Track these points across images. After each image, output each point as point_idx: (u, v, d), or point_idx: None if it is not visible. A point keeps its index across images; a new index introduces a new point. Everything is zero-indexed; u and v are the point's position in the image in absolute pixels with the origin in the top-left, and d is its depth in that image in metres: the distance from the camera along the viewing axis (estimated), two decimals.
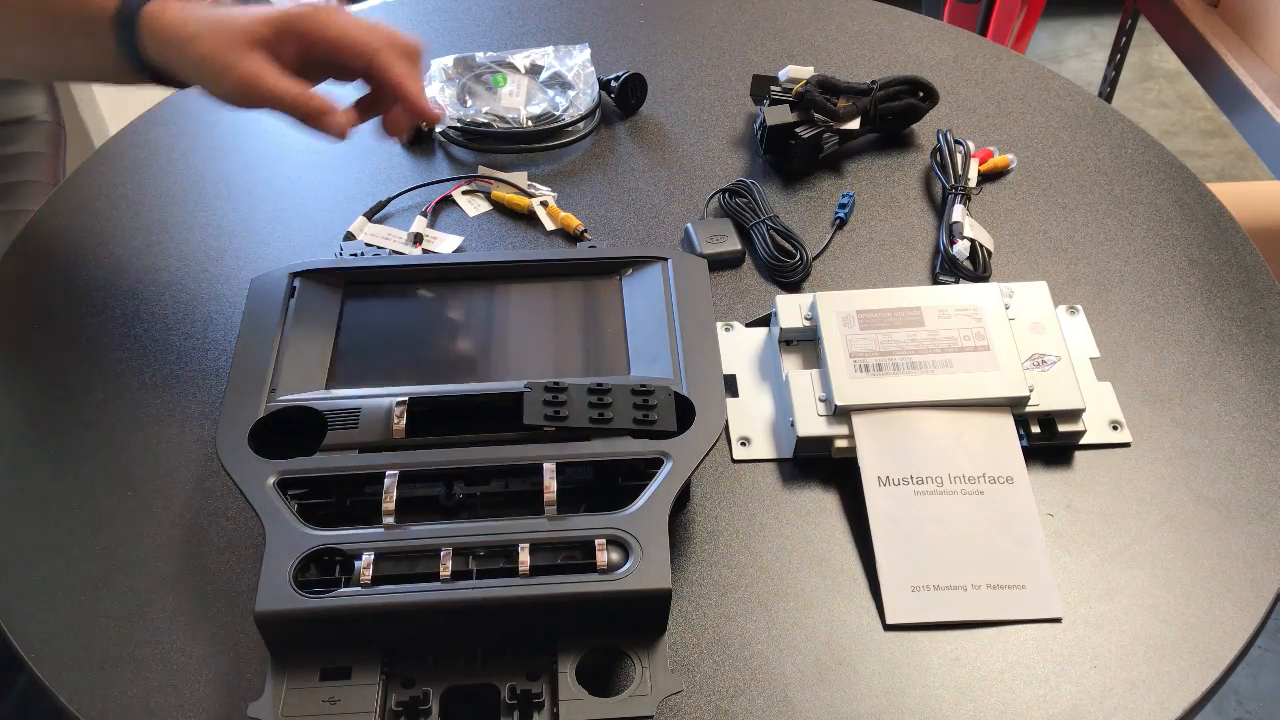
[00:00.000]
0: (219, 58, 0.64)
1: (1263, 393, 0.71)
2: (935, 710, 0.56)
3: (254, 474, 0.57)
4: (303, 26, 0.65)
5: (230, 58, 0.64)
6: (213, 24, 0.65)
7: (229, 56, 0.64)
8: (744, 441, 0.68)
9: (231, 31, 0.64)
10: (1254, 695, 1.39)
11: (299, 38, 0.65)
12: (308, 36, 0.65)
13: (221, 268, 0.80)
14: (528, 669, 0.53)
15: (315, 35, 0.65)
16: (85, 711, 0.56)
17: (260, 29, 0.64)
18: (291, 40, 0.65)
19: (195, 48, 0.64)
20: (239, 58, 0.64)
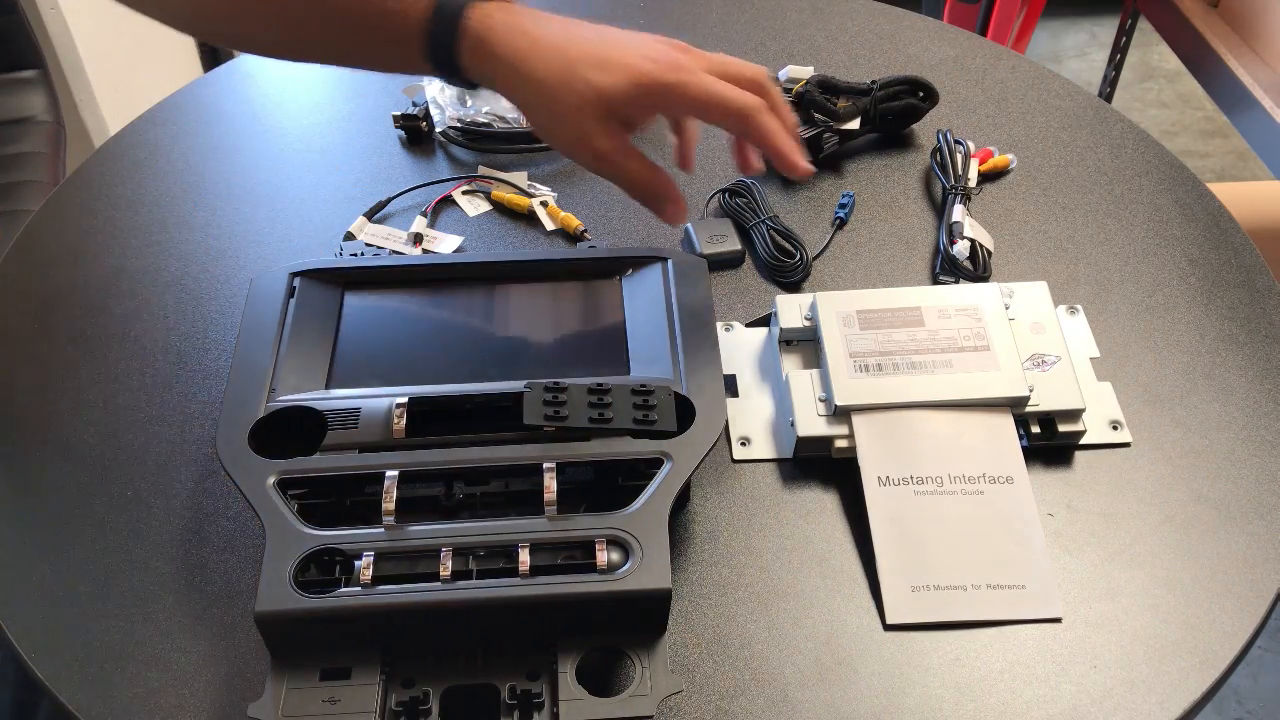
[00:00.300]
0: (573, 124, 0.59)
1: (1263, 393, 0.71)
2: (935, 710, 0.56)
3: (254, 474, 0.57)
4: (666, 99, 0.59)
5: (586, 127, 0.59)
6: (562, 75, 0.58)
7: (584, 125, 0.59)
8: (744, 441, 0.68)
9: (587, 94, 0.58)
10: (1254, 695, 1.39)
11: (659, 106, 0.60)
12: (670, 106, 0.61)
13: (221, 268, 0.80)
14: (528, 669, 0.53)
15: (679, 105, 0.60)
16: (85, 711, 0.56)
17: (619, 97, 0.58)
18: (650, 107, 0.60)
19: (542, 99, 0.59)
20: (594, 130, 0.59)
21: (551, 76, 0.58)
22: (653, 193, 0.62)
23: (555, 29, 0.60)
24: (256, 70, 1.00)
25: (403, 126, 0.91)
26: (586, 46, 0.59)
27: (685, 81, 0.59)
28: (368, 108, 0.94)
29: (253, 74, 0.99)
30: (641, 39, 0.61)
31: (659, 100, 0.59)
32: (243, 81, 0.98)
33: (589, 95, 0.58)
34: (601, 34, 0.60)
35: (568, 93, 0.58)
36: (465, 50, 0.59)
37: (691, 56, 0.61)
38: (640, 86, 0.58)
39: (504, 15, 0.59)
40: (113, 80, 1.64)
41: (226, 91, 0.97)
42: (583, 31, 0.60)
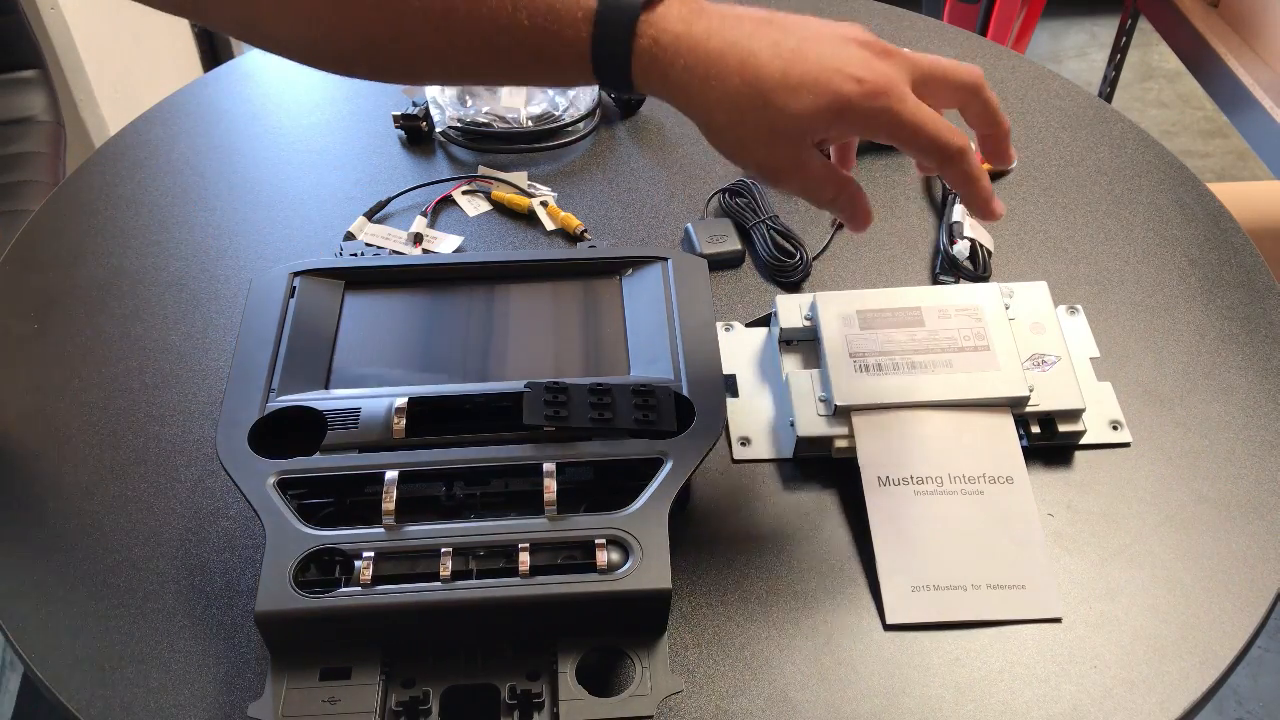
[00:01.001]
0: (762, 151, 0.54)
1: (1263, 393, 0.71)
2: (935, 710, 0.56)
3: (254, 474, 0.57)
4: (868, 126, 0.53)
5: (776, 154, 0.54)
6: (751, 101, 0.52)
7: (775, 152, 0.54)
8: (744, 441, 0.68)
9: (779, 123, 0.53)
10: (1254, 695, 1.39)
11: (859, 131, 0.55)
12: (870, 133, 0.54)
13: (221, 268, 0.80)
14: (528, 669, 0.53)
15: (881, 133, 0.54)
16: (85, 711, 0.56)
17: (816, 124, 0.53)
18: (849, 132, 0.55)
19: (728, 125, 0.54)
20: (784, 155, 0.54)
21: (739, 100, 0.53)
22: (840, 206, 0.57)
23: (740, 39, 0.53)
24: (256, 70, 1.00)
25: (403, 126, 0.91)
26: (777, 63, 0.52)
27: (892, 110, 0.53)
28: (368, 108, 0.94)
29: (253, 74, 0.99)
30: (839, 40, 0.54)
31: (860, 127, 0.54)
32: (243, 81, 0.98)
33: (780, 122, 0.53)
34: (790, 36, 0.53)
35: (757, 120, 0.53)
36: (638, 70, 0.54)
37: (896, 64, 0.54)
38: (840, 114, 0.53)
39: (679, 25, 0.53)
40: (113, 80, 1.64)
41: (226, 91, 0.97)
42: (770, 36, 0.53)
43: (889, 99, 0.53)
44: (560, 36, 0.53)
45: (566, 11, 0.53)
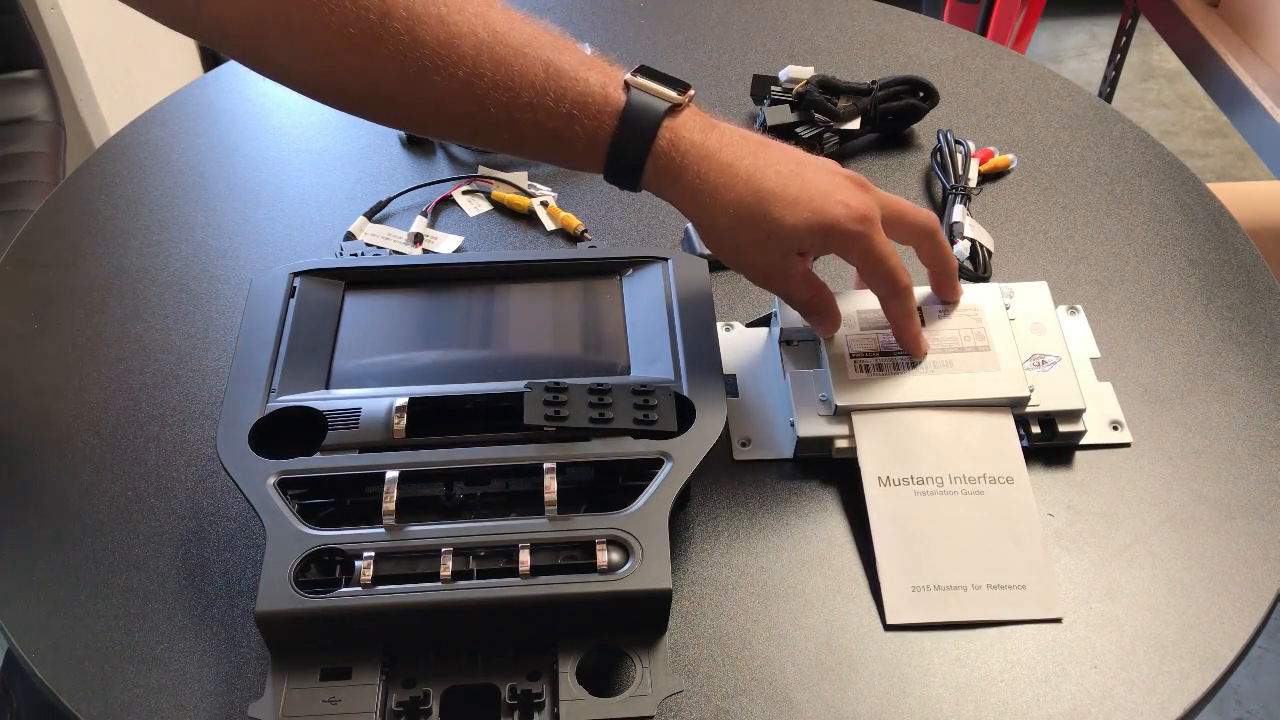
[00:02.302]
0: (755, 256, 0.61)
1: (1263, 393, 0.71)
2: (935, 710, 0.56)
3: (254, 474, 0.57)
4: (843, 247, 0.61)
5: (767, 260, 0.61)
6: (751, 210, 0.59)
7: (767, 258, 0.61)
8: (744, 441, 0.68)
9: (774, 231, 0.59)
10: (1254, 695, 1.39)
11: (834, 249, 0.62)
12: (843, 252, 0.62)
13: (221, 268, 0.80)
14: (528, 669, 0.53)
15: (851, 255, 0.62)
16: (85, 711, 0.56)
17: (804, 238, 0.60)
18: (827, 248, 0.62)
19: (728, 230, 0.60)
20: (774, 262, 0.61)
21: (742, 208, 0.59)
22: (810, 309, 0.65)
23: (746, 155, 0.59)
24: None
25: None
26: (777, 180, 0.59)
27: (869, 237, 0.60)
28: None
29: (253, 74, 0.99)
30: (829, 172, 0.61)
31: (839, 247, 0.61)
32: (243, 81, 0.98)
33: (776, 231, 0.59)
34: (789, 162, 0.60)
35: (755, 226, 0.59)
36: (651, 169, 0.59)
37: (872, 199, 0.62)
38: (828, 232, 0.59)
39: (697, 134, 0.59)
40: (113, 80, 1.64)
41: (226, 91, 0.97)
42: (772, 157, 0.60)
43: (869, 227, 0.60)
44: (583, 125, 0.58)
45: (594, 104, 0.57)
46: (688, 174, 0.59)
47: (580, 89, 0.57)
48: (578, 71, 0.58)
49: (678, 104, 0.59)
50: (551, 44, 0.58)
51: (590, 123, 0.58)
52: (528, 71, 0.57)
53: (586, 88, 0.58)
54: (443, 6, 0.56)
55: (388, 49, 0.55)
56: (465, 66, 0.56)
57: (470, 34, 0.56)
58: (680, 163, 0.59)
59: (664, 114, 0.58)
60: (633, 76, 0.59)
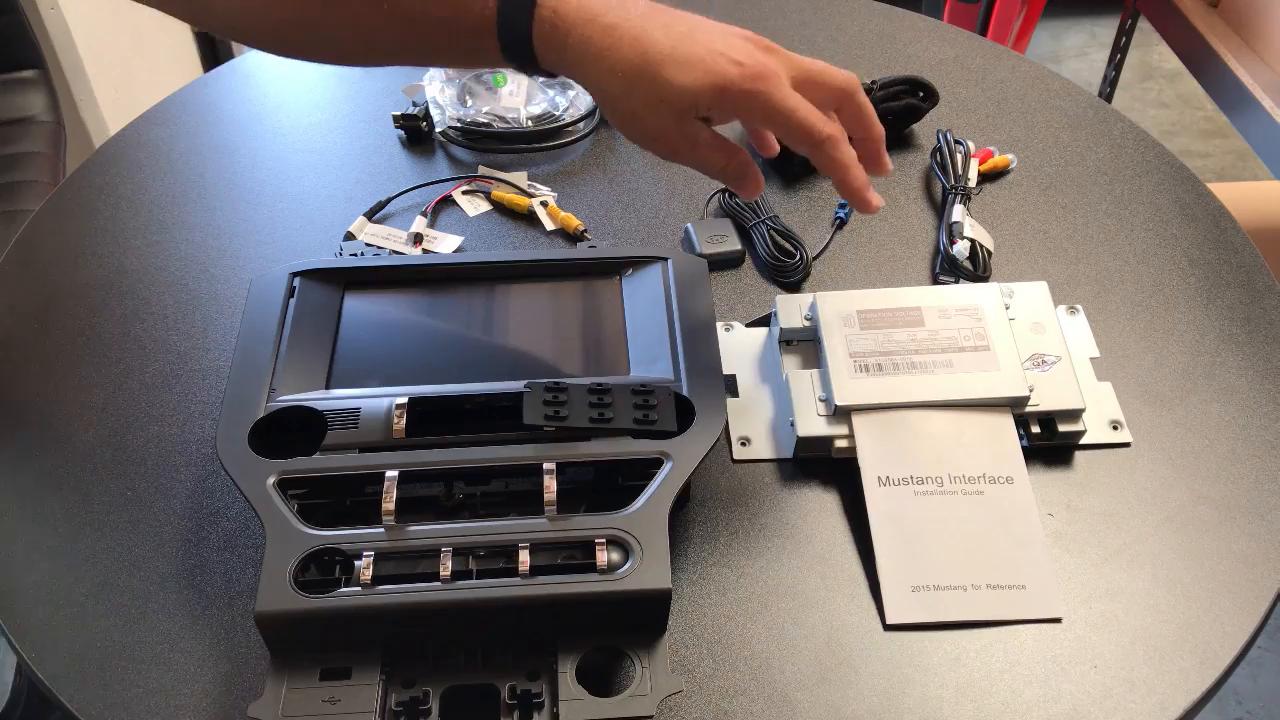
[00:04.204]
0: (650, 120, 0.58)
1: (1263, 393, 0.71)
2: (935, 710, 0.56)
3: (254, 474, 0.57)
4: (746, 107, 0.57)
5: (664, 124, 0.58)
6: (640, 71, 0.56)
7: (662, 122, 0.58)
8: (744, 441, 0.68)
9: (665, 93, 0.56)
10: (1254, 695, 1.39)
11: (737, 113, 0.59)
12: (747, 115, 0.59)
13: (221, 268, 0.80)
14: (528, 669, 0.53)
15: (757, 116, 0.58)
16: (85, 711, 0.56)
17: (699, 98, 0.56)
18: (728, 112, 0.58)
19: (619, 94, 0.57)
20: (671, 127, 0.58)
21: (630, 71, 0.56)
22: (729, 175, 0.60)
23: (635, 17, 0.57)
24: (256, 70, 1.00)
25: (403, 126, 0.91)
26: (665, 41, 0.57)
27: (768, 93, 0.57)
28: (368, 108, 0.94)
29: (253, 74, 0.99)
30: (725, 33, 0.58)
31: (738, 107, 0.58)
32: (243, 81, 0.98)
33: (667, 94, 0.56)
34: (681, 23, 0.58)
35: (646, 90, 0.57)
36: (538, 42, 0.57)
37: (778, 59, 0.58)
38: (721, 91, 0.56)
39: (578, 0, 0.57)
40: (113, 80, 1.64)
41: (226, 91, 0.97)
42: (662, 19, 0.58)
43: (766, 84, 0.57)
44: (470, 9, 0.57)
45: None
46: (572, 39, 0.57)
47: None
48: None
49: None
50: None
51: (477, 7, 0.57)
52: None
53: None
54: None
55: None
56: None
57: None
58: (565, 31, 0.56)
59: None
60: None
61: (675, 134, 0.58)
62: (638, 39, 0.56)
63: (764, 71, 0.57)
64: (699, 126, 0.58)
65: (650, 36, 0.57)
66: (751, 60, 0.57)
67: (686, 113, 0.57)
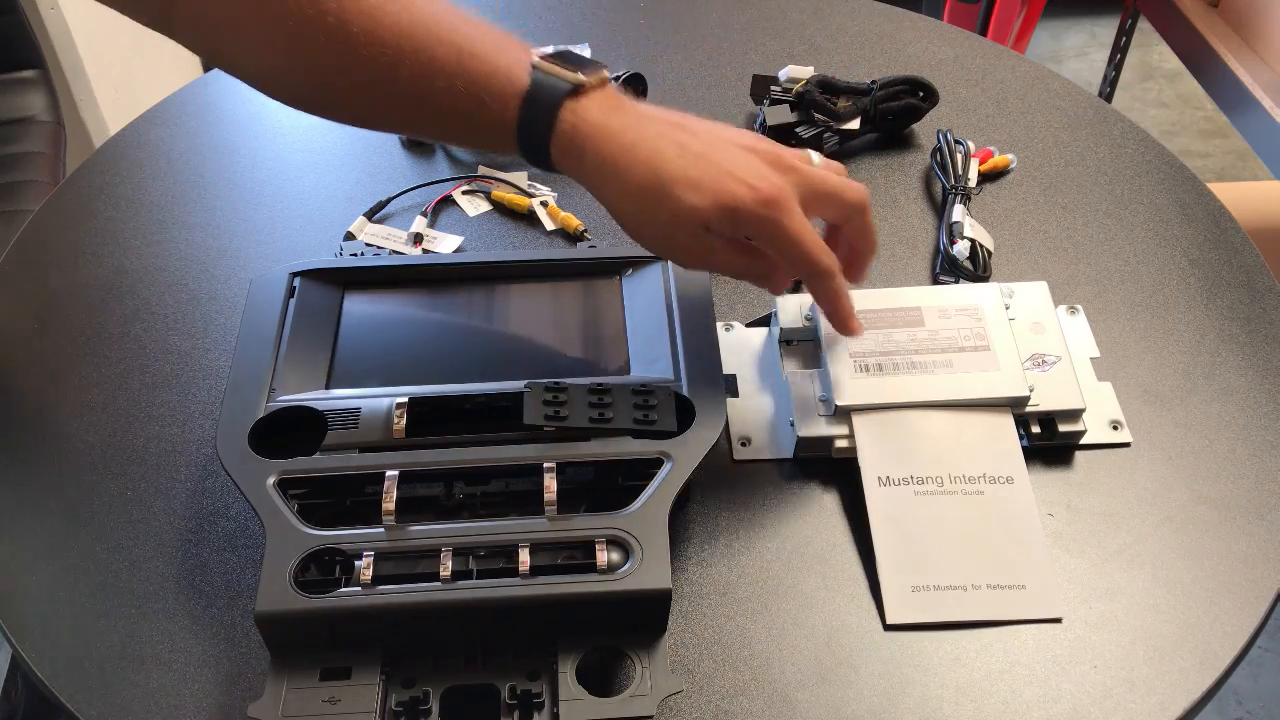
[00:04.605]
0: (663, 236, 0.59)
1: (1263, 393, 0.71)
2: (935, 710, 0.56)
3: (254, 474, 0.57)
4: (755, 231, 0.58)
5: (676, 240, 0.59)
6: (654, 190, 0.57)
7: (675, 238, 0.59)
8: (744, 441, 0.68)
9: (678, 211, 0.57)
10: (1254, 695, 1.39)
11: (747, 234, 0.59)
12: (756, 238, 0.60)
13: (221, 268, 0.80)
14: (528, 669, 0.53)
15: (765, 241, 0.59)
16: (85, 711, 0.56)
17: (709, 220, 0.57)
18: (739, 231, 0.59)
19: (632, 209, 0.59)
20: (684, 242, 0.59)
21: (644, 190, 0.58)
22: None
23: (649, 135, 0.58)
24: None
25: None
26: (679, 162, 0.57)
27: (776, 220, 0.58)
28: None
29: None
30: (740, 151, 0.59)
31: (747, 230, 0.59)
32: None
33: (679, 214, 0.57)
34: (697, 142, 0.58)
35: (658, 209, 0.58)
36: (556, 150, 0.58)
37: (790, 179, 0.59)
38: (731, 214, 0.57)
39: (599, 115, 0.58)
40: (113, 80, 1.64)
41: (226, 91, 0.97)
42: (678, 138, 0.58)
43: (777, 210, 0.57)
44: (491, 109, 0.58)
45: (500, 87, 0.58)
46: (589, 156, 0.58)
47: (487, 72, 0.58)
48: (487, 55, 0.58)
49: (581, 85, 0.58)
50: (471, 31, 0.58)
51: (497, 106, 0.58)
52: (443, 57, 0.57)
53: (494, 70, 0.58)
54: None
55: (322, 41, 0.57)
56: (389, 55, 0.57)
57: (394, 24, 0.57)
58: (582, 144, 0.58)
59: (565, 95, 0.57)
60: (540, 60, 0.58)
61: (689, 248, 0.60)
62: (651, 160, 0.57)
63: (775, 196, 0.57)
64: (712, 241, 0.59)
65: (663, 157, 0.57)
66: (764, 183, 0.58)
67: (698, 231, 0.58)
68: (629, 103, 0.60)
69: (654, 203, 0.58)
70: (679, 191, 0.57)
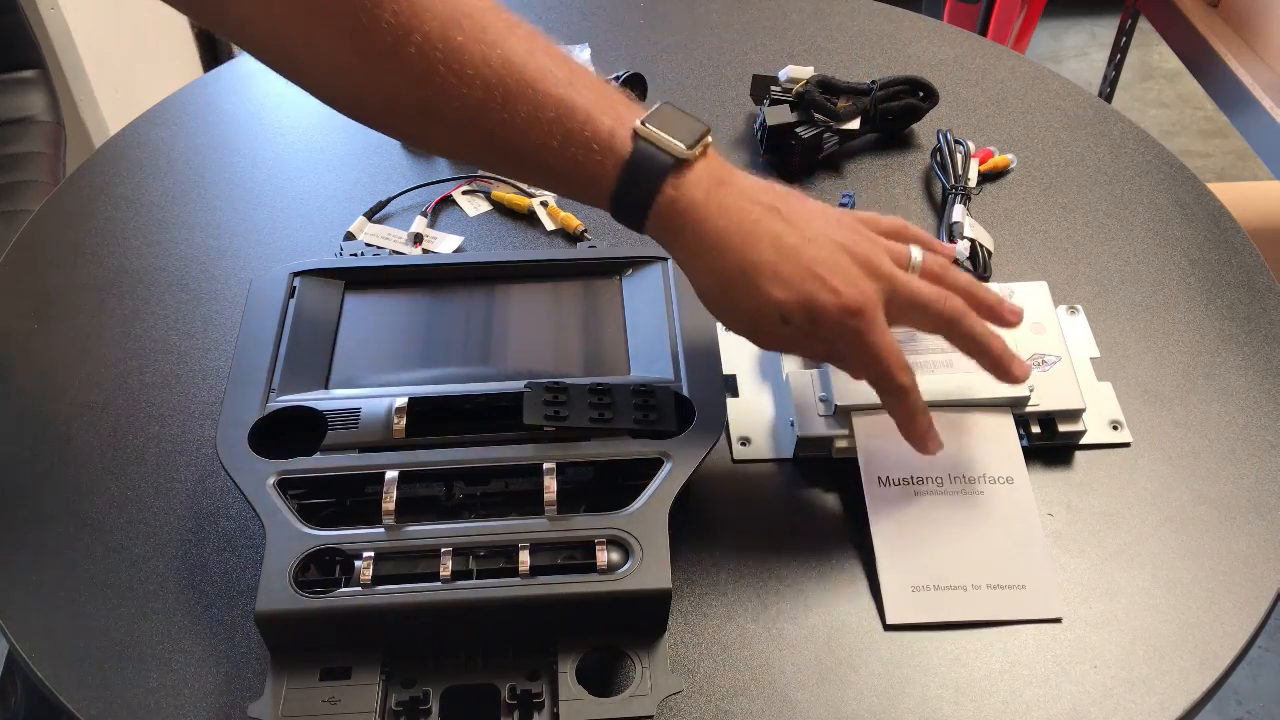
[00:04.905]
0: (744, 320, 0.59)
1: (1263, 393, 0.71)
2: (935, 710, 0.56)
3: (254, 474, 0.57)
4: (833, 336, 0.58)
5: (757, 325, 0.59)
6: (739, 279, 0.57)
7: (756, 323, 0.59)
8: (744, 441, 0.68)
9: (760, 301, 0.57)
10: (1254, 695, 1.39)
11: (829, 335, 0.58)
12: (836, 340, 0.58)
13: (221, 268, 0.80)
14: (528, 669, 0.53)
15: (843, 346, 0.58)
16: (85, 711, 0.56)
17: (789, 315, 0.57)
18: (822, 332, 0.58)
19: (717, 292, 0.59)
20: (764, 329, 0.59)
21: (732, 277, 0.57)
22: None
23: (747, 222, 0.57)
24: (256, 70, 1.00)
25: None
26: (770, 256, 0.56)
27: (857, 330, 0.57)
28: None
29: (253, 74, 0.99)
30: (833, 249, 0.57)
31: (826, 334, 0.58)
32: (243, 81, 0.98)
33: (761, 304, 0.57)
34: (793, 234, 0.57)
35: (743, 296, 0.57)
36: (652, 222, 0.58)
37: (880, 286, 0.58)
38: (812, 318, 0.57)
39: (700, 195, 0.56)
40: (113, 80, 1.64)
41: (226, 91, 0.97)
42: (775, 228, 0.57)
43: (859, 320, 0.57)
44: (588, 170, 0.56)
45: (600, 151, 0.56)
46: (685, 234, 0.57)
47: (588, 134, 0.55)
48: (589, 113, 0.56)
49: (684, 160, 0.56)
50: (567, 78, 0.56)
51: (594, 170, 0.56)
52: (537, 109, 0.55)
53: (595, 132, 0.56)
54: (460, 33, 0.54)
55: (401, 72, 0.54)
56: (475, 98, 0.55)
57: (484, 64, 0.54)
58: (679, 222, 0.57)
59: (669, 170, 0.56)
60: (643, 125, 0.56)
61: (769, 335, 0.59)
62: (743, 249, 0.57)
63: (860, 306, 0.57)
64: (793, 332, 0.58)
65: (757, 248, 0.57)
66: (851, 289, 0.57)
67: (779, 323, 0.58)
68: (730, 175, 0.58)
69: (739, 291, 0.57)
70: (764, 284, 0.56)
